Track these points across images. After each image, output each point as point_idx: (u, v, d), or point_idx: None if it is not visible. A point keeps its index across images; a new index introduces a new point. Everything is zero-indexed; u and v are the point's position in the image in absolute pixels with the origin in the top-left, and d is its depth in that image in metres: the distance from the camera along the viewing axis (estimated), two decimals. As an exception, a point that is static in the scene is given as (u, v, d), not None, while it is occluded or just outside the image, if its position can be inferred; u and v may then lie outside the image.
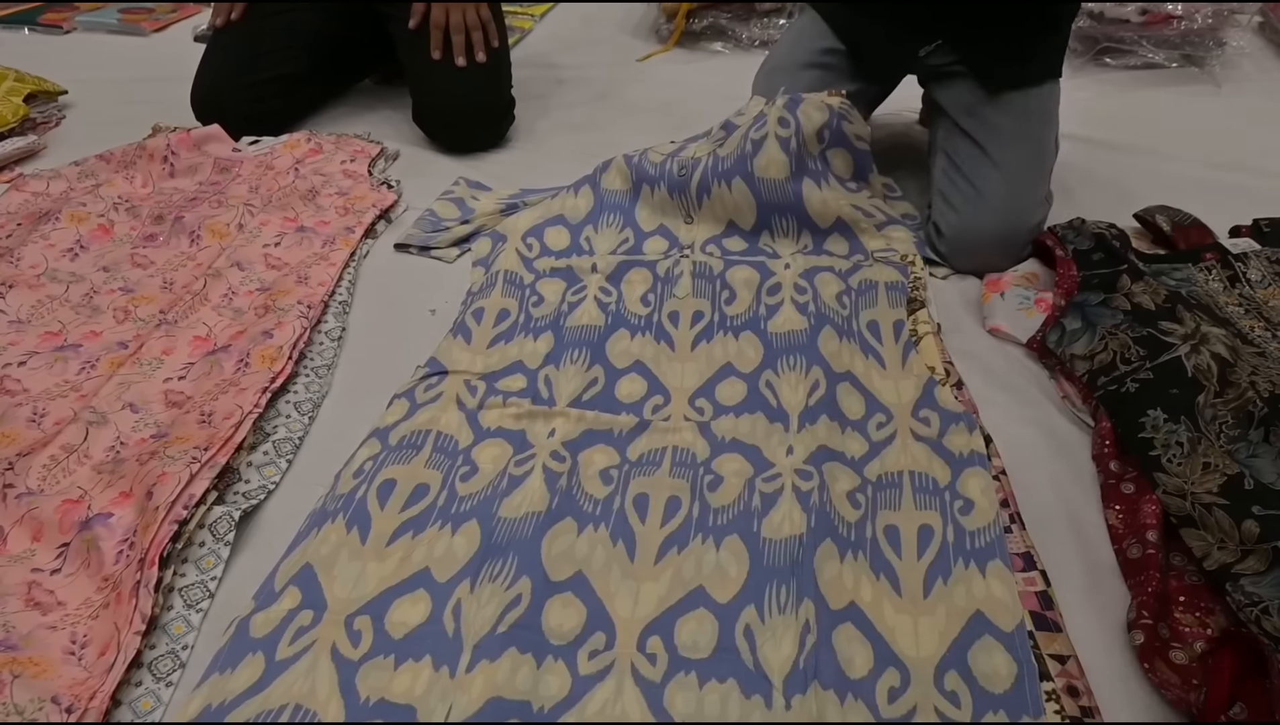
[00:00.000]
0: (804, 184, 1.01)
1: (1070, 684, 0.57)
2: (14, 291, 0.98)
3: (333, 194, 1.16)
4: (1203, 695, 0.55)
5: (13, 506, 0.72)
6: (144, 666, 0.62)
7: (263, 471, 0.77)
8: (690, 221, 1.05)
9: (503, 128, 1.34)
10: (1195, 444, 0.71)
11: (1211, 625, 0.61)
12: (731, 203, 1.03)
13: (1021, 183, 0.98)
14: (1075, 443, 0.79)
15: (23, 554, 0.70)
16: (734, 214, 1.03)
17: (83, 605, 0.66)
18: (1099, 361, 0.82)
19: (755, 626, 0.61)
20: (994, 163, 0.99)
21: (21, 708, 0.56)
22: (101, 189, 1.17)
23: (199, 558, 0.69)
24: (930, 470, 0.73)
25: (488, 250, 1.05)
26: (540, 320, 0.92)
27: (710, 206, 1.04)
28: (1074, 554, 0.69)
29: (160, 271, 1.04)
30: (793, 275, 0.97)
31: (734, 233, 1.04)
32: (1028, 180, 0.99)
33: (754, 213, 1.02)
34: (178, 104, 1.34)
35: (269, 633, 0.62)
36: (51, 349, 0.91)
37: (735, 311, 0.93)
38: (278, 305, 0.94)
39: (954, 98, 1.03)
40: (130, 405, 0.83)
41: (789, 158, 0.99)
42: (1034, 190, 0.99)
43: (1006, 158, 0.99)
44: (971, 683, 0.57)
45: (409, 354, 0.90)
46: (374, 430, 0.80)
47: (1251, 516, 0.65)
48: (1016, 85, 1.00)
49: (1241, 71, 1.53)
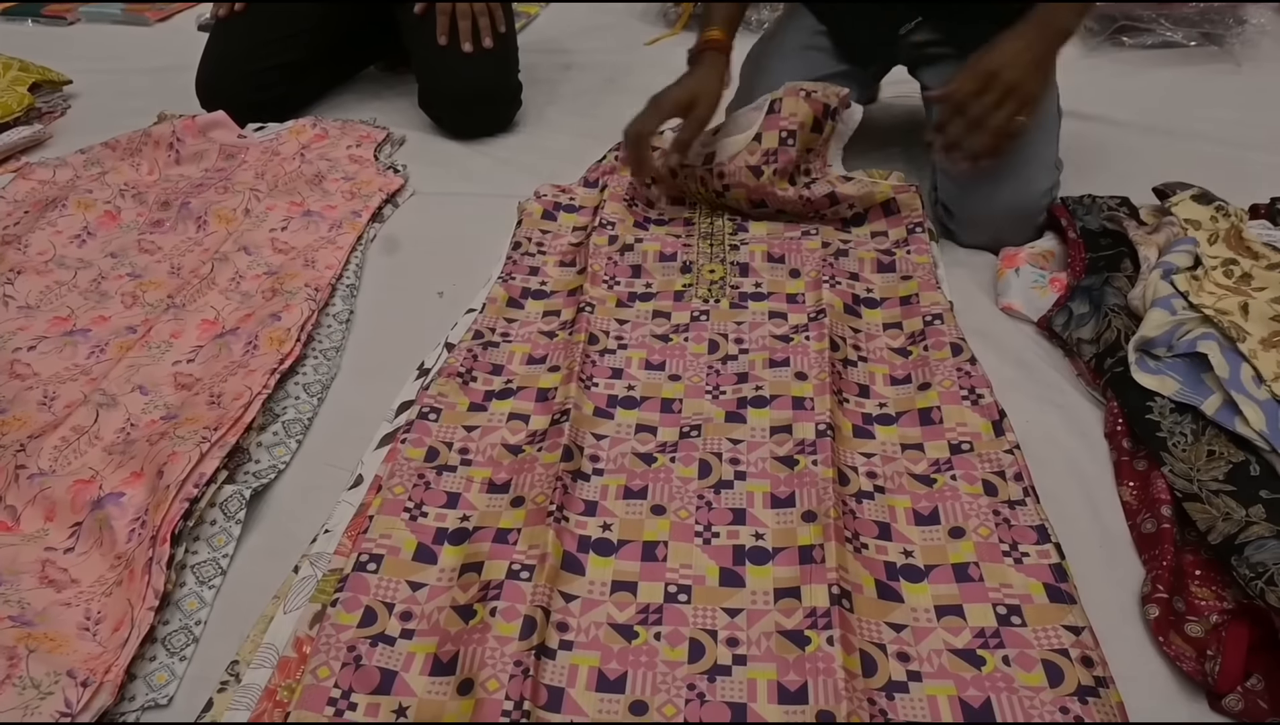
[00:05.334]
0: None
1: (1085, 654, 0.57)
2: (22, 277, 0.99)
3: (339, 179, 1.16)
4: (1217, 666, 0.55)
5: (25, 487, 0.72)
6: (158, 641, 0.62)
7: (273, 451, 0.77)
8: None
9: (510, 113, 1.34)
10: (1199, 434, 0.71)
11: (1227, 598, 0.61)
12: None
13: (1024, 153, 0.97)
14: (1089, 420, 0.79)
15: (36, 533, 0.70)
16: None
17: (96, 583, 0.66)
18: (1105, 341, 0.82)
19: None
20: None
21: (38, 681, 0.57)
22: (108, 176, 1.17)
23: (210, 536, 0.69)
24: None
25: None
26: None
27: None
28: (1089, 530, 0.68)
29: (168, 257, 1.04)
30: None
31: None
32: (1030, 150, 0.97)
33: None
34: (183, 93, 1.33)
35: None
36: (60, 334, 0.92)
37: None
38: (285, 289, 0.94)
39: (943, 78, 1.03)
40: (140, 388, 0.83)
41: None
42: (1038, 159, 0.98)
43: None
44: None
45: (417, 336, 0.90)
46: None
47: (1260, 501, 0.65)
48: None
49: (1261, 50, 1.51)
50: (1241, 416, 0.70)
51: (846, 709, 0.53)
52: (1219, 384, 0.72)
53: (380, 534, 0.67)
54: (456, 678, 0.57)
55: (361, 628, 0.61)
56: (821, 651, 0.57)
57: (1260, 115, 1.30)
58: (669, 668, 0.59)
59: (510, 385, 0.83)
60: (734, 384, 0.81)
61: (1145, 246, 0.88)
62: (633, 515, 0.69)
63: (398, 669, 0.59)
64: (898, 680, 0.57)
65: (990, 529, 0.66)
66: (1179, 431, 0.71)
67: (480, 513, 0.70)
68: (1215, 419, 0.71)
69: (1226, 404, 0.71)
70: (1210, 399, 0.72)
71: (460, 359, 0.85)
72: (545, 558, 0.63)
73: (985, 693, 0.56)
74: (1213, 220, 0.90)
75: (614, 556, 0.66)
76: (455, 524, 0.69)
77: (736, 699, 0.57)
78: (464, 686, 0.56)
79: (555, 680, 0.58)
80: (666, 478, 0.72)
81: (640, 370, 0.84)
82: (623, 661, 0.59)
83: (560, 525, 0.66)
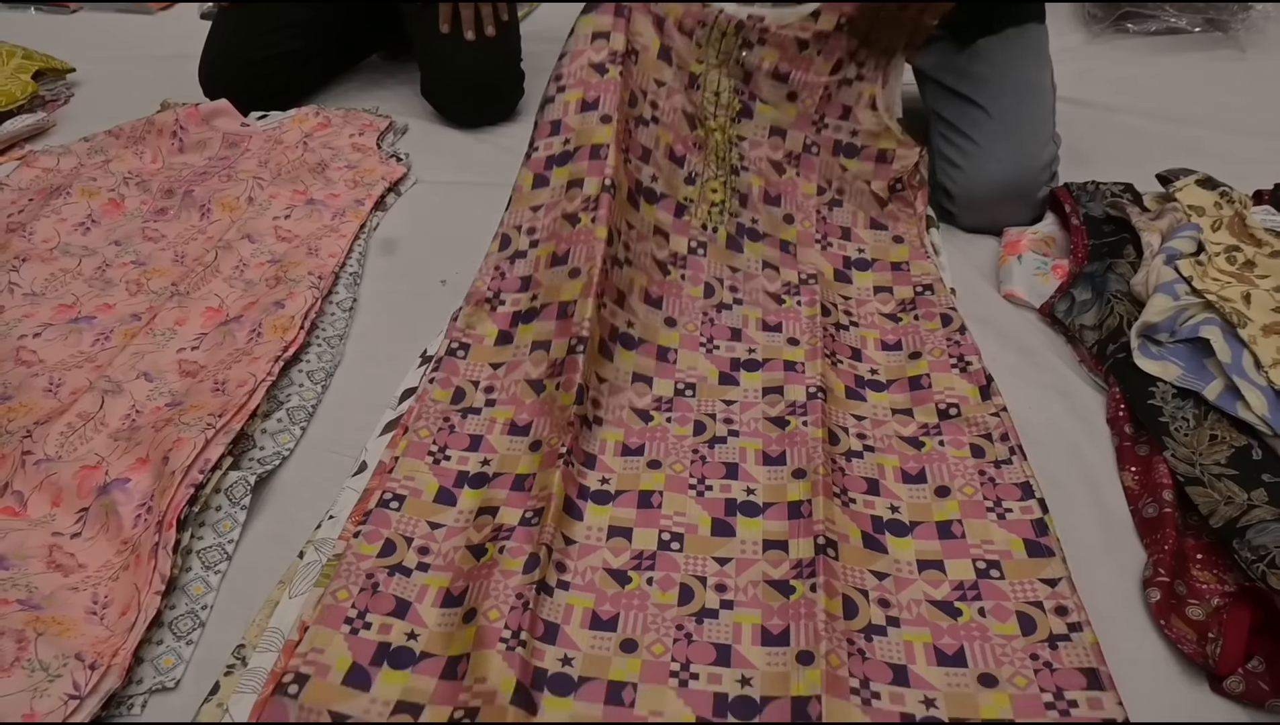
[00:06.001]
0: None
1: (1060, 604, 0.59)
2: (27, 265, 0.99)
3: (342, 167, 1.16)
4: (1218, 648, 0.55)
5: (31, 473, 0.73)
6: (165, 625, 0.63)
7: (277, 438, 0.78)
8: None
9: (512, 101, 1.34)
10: (1201, 419, 0.71)
11: (1229, 582, 0.61)
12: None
13: (1020, 128, 0.97)
14: (1091, 406, 0.79)
15: (43, 518, 0.70)
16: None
17: (103, 567, 0.66)
18: (1107, 327, 0.82)
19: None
20: (988, 114, 0.98)
21: (46, 664, 0.57)
22: (111, 164, 1.17)
23: (216, 521, 0.70)
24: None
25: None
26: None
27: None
28: (1091, 515, 0.69)
29: (171, 245, 1.04)
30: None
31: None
32: (1026, 124, 0.97)
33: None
34: (186, 82, 1.33)
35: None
36: (66, 321, 0.92)
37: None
38: (289, 276, 0.94)
39: (933, 59, 1.02)
40: (144, 375, 0.83)
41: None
42: (1034, 133, 0.98)
43: (1000, 106, 0.98)
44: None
45: (420, 324, 0.90)
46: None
47: (1261, 484, 0.65)
48: (991, 31, 0.99)
49: (1266, 36, 1.50)
50: (1243, 401, 0.70)
51: (825, 648, 0.56)
52: (1221, 369, 0.72)
53: (404, 476, 0.70)
54: (462, 608, 0.61)
55: (381, 558, 0.64)
56: (805, 598, 0.60)
57: (1265, 101, 1.29)
58: (659, 610, 0.62)
59: (535, 303, 0.83)
60: (728, 340, 0.84)
61: (1149, 232, 0.88)
62: (630, 470, 0.72)
63: (411, 599, 0.62)
64: (877, 624, 0.60)
65: (975, 488, 0.68)
66: (1181, 416, 0.71)
67: (501, 456, 0.73)
68: (1217, 404, 0.71)
69: (1228, 389, 0.71)
70: (1212, 384, 0.72)
71: (488, 280, 0.86)
72: (550, 498, 0.65)
73: (959, 641, 0.59)
74: (1216, 206, 0.90)
75: (611, 504, 0.69)
76: (476, 468, 0.72)
77: (722, 640, 0.60)
78: (468, 615, 0.60)
79: (552, 616, 0.61)
80: (663, 436, 0.75)
81: (639, 302, 0.84)
82: (615, 604, 0.62)
83: (568, 468, 0.68)
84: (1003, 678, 0.56)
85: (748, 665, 0.58)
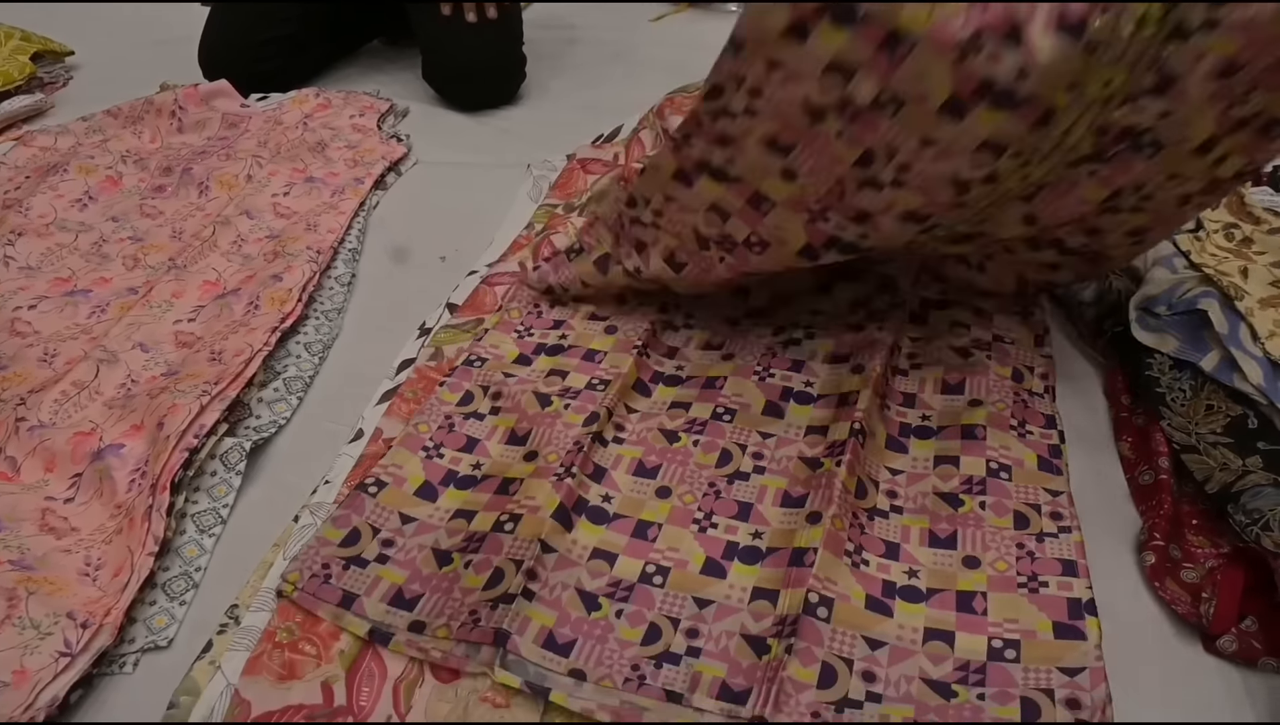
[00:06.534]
0: None
1: (1055, 510, 0.63)
2: (23, 239, 0.99)
3: (341, 146, 1.16)
4: (1212, 608, 0.55)
5: (25, 438, 0.73)
6: (158, 587, 0.63)
7: (274, 407, 0.78)
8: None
9: (513, 86, 1.34)
10: (1198, 390, 0.71)
11: (1223, 545, 0.61)
12: None
13: None
14: (1089, 381, 0.78)
15: (36, 483, 0.70)
16: None
17: (96, 531, 0.66)
18: (1106, 303, 0.82)
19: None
20: None
21: (37, 622, 0.57)
22: (109, 144, 1.18)
23: (211, 486, 0.70)
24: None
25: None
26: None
27: None
28: (1089, 484, 0.68)
29: (169, 221, 1.04)
30: None
31: None
32: None
33: None
34: (185, 65, 1.33)
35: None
36: (62, 294, 0.92)
37: None
38: (287, 251, 0.94)
39: None
40: (140, 345, 0.83)
41: None
42: None
43: None
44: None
45: (419, 299, 0.90)
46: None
47: (1257, 452, 0.65)
48: None
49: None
50: (1240, 372, 0.70)
51: (832, 513, 0.61)
52: (1218, 341, 0.72)
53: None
54: (525, 448, 0.71)
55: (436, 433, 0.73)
56: (829, 472, 0.65)
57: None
58: (698, 468, 0.69)
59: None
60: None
61: (1146, 210, 0.88)
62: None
63: (481, 438, 0.73)
64: (880, 509, 0.65)
65: (1006, 405, 0.71)
66: (1178, 387, 0.71)
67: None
68: (1214, 375, 0.71)
69: (1225, 360, 0.71)
70: (1209, 356, 0.72)
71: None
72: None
73: (955, 527, 0.62)
74: (1214, 185, 0.90)
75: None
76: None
77: (746, 499, 0.66)
78: (529, 455, 0.70)
79: (603, 462, 0.69)
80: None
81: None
82: (661, 457, 0.70)
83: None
84: (985, 561, 0.60)
85: (763, 522, 0.64)
